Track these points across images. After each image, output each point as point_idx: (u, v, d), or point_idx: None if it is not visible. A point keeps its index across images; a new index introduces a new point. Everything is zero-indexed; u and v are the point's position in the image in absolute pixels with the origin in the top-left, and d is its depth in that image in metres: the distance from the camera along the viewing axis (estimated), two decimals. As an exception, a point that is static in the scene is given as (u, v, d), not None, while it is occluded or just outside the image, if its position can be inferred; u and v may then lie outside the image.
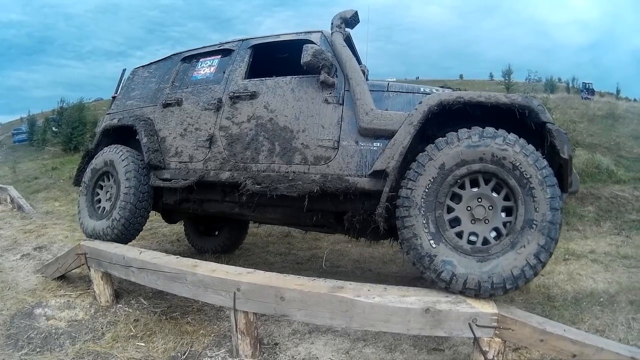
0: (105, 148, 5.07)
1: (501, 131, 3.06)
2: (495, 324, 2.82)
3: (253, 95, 4.24)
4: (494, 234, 3.07)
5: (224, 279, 3.41)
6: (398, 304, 2.93)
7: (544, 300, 4.39)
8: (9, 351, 3.53)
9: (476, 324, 2.82)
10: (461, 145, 3.07)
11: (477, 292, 2.91)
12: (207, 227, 6.81)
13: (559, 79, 46.86)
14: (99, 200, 5.03)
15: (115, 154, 4.83)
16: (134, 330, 3.84)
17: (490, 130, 3.07)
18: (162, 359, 3.42)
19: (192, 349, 3.55)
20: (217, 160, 4.31)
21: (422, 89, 3.88)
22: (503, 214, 3.06)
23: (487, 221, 3.08)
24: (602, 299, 4.49)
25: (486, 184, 3.09)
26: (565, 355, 2.90)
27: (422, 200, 3.10)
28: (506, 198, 3.05)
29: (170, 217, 6.02)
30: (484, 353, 2.83)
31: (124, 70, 6.07)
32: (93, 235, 4.75)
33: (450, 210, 3.14)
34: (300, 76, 4.09)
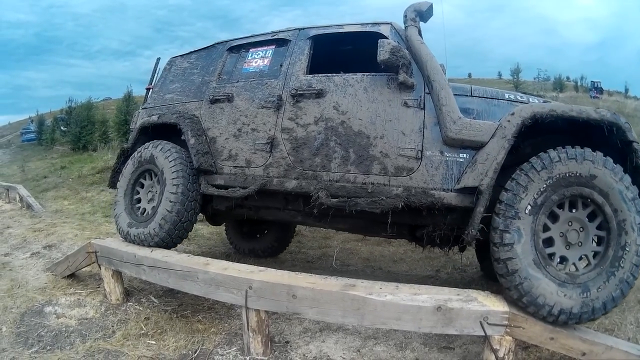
0: (148, 143, 4.63)
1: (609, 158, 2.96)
2: (506, 322, 2.82)
3: (319, 94, 3.86)
4: (583, 258, 3.01)
5: (235, 277, 3.41)
6: (410, 302, 2.93)
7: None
8: (19, 349, 3.54)
9: (487, 322, 2.82)
10: (569, 166, 2.93)
11: (571, 320, 2.85)
12: (251, 228, 6.31)
13: (568, 78, 46.76)
14: (139, 200, 4.66)
15: (161, 153, 4.41)
16: (144, 329, 3.84)
17: (600, 155, 2.95)
18: (173, 357, 3.42)
19: (203, 347, 3.55)
20: (281, 166, 3.92)
21: (506, 95, 3.63)
22: (595, 239, 3.01)
23: (579, 244, 3.00)
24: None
25: (583, 208, 3.01)
26: (574, 353, 2.90)
27: (525, 221, 2.92)
28: (593, 219, 3.00)
29: (214, 219, 5.50)
30: (495, 351, 2.82)
31: (158, 59, 5.66)
32: (130, 240, 4.40)
33: (545, 230, 3.01)
34: (373, 74, 3.75)
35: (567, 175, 2.92)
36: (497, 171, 3.09)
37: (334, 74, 3.91)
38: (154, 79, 5.47)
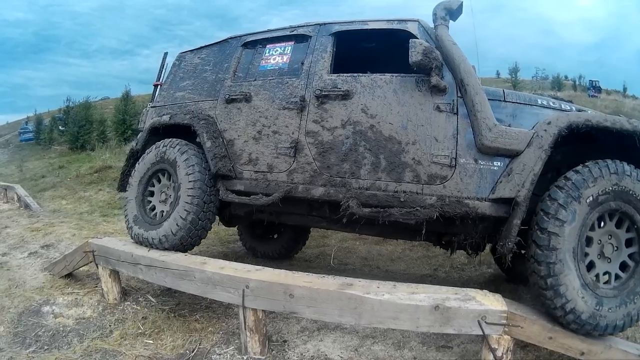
0: (163, 141, 4.40)
1: None
2: (505, 321, 2.81)
3: (346, 95, 3.67)
4: (607, 275, 3.00)
5: (232, 276, 3.41)
6: (407, 301, 2.93)
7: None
8: (16, 349, 3.54)
9: (485, 322, 2.81)
10: (614, 179, 2.90)
11: (575, 324, 2.84)
12: (265, 230, 6.00)
13: (566, 77, 46.77)
14: (151, 201, 4.47)
15: (178, 153, 4.18)
16: (142, 328, 3.84)
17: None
18: (170, 356, 3.42)
19: (201, 346, 3.55)
20: (306, 172, 3.74)
21: (539, 101, 3.45)
22: (627, 252, 3.03)
23: (609, 260, 3.00)
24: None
25: (626, 230, 3.02)
26: (573, 352, 2.91)
27: (582, 208, 2.87)
28: (629, 245, 3.02)
29: (229, 221, 5.19)
30: (493, 350, 2.82)
31: (166, 53, 5.42)
32: (140, 242, 4.26)
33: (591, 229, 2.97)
34: (402, 75, 3.57)
35: (628, 191, 2.92)
36: (534, 182, 3.01)
37: (361, 74, 3.73)
38: (162, 75, 5.25)
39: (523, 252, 3.35)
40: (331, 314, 3.13)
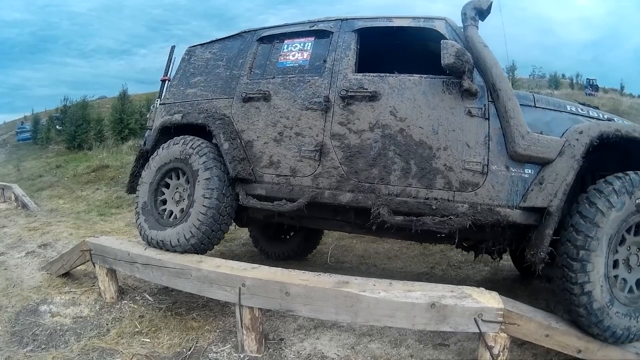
0: (176, 138, 4.18)
1: None
2: (501, 319, 2.82)
3: (373, 97, 3.52)
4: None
5: (228, 274, 3.41)
6: (403, 299, 2.93)
7: (549, 296, 4.37)
8: (14, 348, 3.53)
9: (482, 319, 2.82)
10: None
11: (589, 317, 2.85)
12: (278, 231, 5.88)
13: (563, 75, 46.74)
14: (164, 202, 4.28)
15: (196, 153, 3.98)
16: (139, 326, 3.83)
17: None
18: (167, 354, 3.42)
19: (198, 344, 3.55)
20: (333, 177, 3.58)
21: (567, 107, 3.37)
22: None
23: (630, 269, 3.02)
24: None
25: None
26: (570, 350, 2.91)
27: (612, 223, 2.84)
28: None
29: (242, 220, 4.87)
30: (490, 348, 2.82)
31: (173, 47, 5.17)
32: (151, 243, 4.09)
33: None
34: (431, 76, 3.45)
35: None
36: (566, 192, 2.98)
37: (388, 74, 3.58)
38: (169, 70, 5.07)
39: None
40: (327, 312, 3.13)
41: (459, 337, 3.59)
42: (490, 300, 2.89)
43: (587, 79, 39.76)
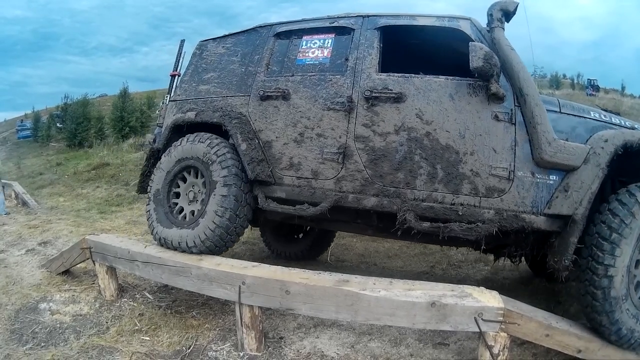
0: (203, 136, 3.98)
1: None
2: (501, 318, 2.81)
3: (399, 98, 3.43)
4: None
5: (228, 272, 3.41)
6: (403, 298, 2.93)
7: (549, 296, 4.37)
8: (13, 346, 3.53)
9: (482, 319, 2.81)
10: None
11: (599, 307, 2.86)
12: (289, 231, 5.76)
13: (564, 75, 46.65)
14: (178, 195, 4.15)
15: (218, 163, 3.79)
16: (138, 325, 3.83)
17: None
18: (167, 353, 3.41)
19: (197, 343, 3.54)
20: (356, 180, 3.49)
21: (591, 113, 3.32)
22: None
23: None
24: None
25: None
26: (570, 350, 2.91)
27: (633, 239, 2.85)
28: None
29: (258, 222, 4.80)
30: (490, 348, 2.82)
31: (183, 41, 5.03)
32: (162, 242, 3.99)
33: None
34: (458, 79, 3.39)
35: None
36: (591, 201, 2.96)
37: (413, 75, 3.49)
38: (178, 65, 4.96)
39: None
40: (327, 310, 3.13)
41: (459, 336, 3.59)
42: (490, 300, 2.89)
43: (588, 79, 39.72)
